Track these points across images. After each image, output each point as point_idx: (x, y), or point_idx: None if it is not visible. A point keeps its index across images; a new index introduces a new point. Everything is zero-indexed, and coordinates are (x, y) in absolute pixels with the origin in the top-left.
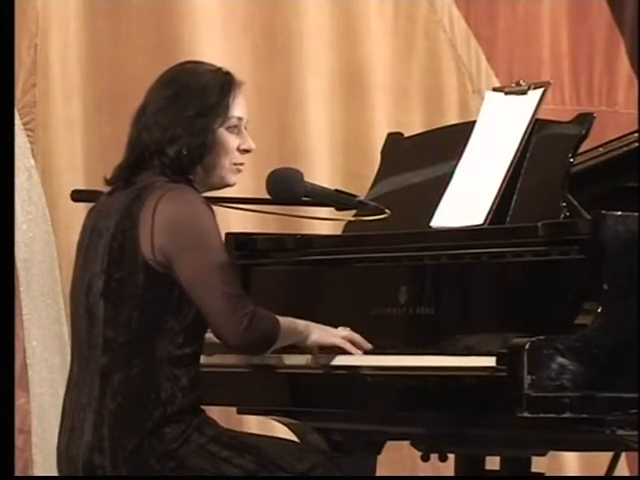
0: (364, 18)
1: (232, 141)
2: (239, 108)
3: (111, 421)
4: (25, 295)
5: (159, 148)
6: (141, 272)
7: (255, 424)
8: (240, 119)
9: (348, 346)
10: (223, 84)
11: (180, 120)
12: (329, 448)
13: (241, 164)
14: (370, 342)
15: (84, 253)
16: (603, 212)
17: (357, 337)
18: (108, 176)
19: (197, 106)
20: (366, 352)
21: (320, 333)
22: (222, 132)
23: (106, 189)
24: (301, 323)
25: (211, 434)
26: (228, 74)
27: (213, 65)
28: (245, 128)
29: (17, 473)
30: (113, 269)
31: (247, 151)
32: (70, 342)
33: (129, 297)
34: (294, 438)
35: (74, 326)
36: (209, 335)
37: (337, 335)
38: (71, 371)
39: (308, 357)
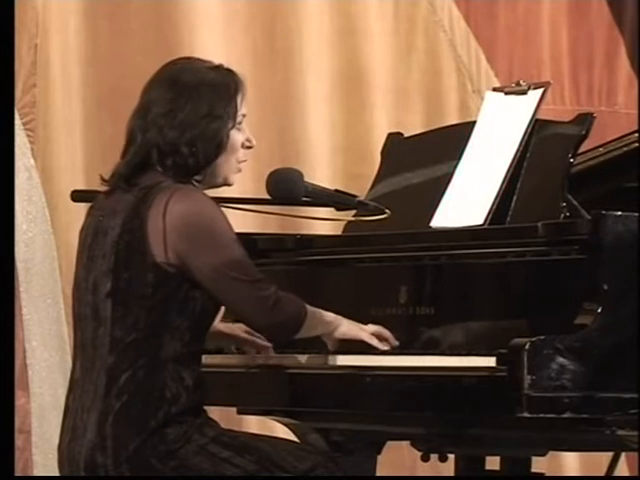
0: (364, 18)
1: (239, 139)
2: (244, 106)
3: (115, 420)
4: (25, 295)
5: (174, 149)
6: (150, 272)
7: (255, 424)
8: (244, 116)
9: (375, 342)
10: (230, 84)
11: (196, 121)
12: (329, 448)
13: (244, 161)
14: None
15: (87, 252)
16: (603, 212)
17: (386, 333)
18: (106, 175)
19: (212, 107)
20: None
21: (349, 326)
22: (233, 132)
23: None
24: (330, 314)
25: (212, 434)
26: (232, 72)
27: (211, 62)
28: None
29: (17, 473)
30: (121, 269)
31: (250, 147)
32: (72, 342)
33: (137, 297)
34: (294, 438)
35: (77, 326)
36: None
37: (366, 330)
38: (73, 370)
39: (308, 357)
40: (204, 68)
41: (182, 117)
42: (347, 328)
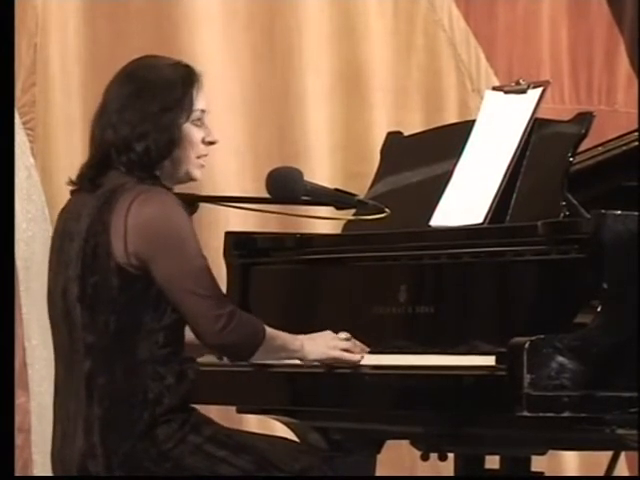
0: (364, 17)
1: (197, 134)
2: (202, 101)
3: (101, 427)
4: (25, 294)
5: (126, 145)
6: (115, 276)
7: (255, 423)
8: (203, 111)
9: (347, 356)
10: (185, 78)
11: (146, 116)
12: (328, 447)
13: (205, 156)
14: (369, 341)
15: (56, 257)
16: (603, 211)
17: (356, 346)
18: (73, 177)
19: (162, 102)
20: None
21: (318, 352)
22: (187, 126)
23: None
24: (296, 343)
25: (207, 434)
26: (188, 67)
27: (171, 59)
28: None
29: (17, 472)
30: (87, 274)
31: (211, 143)
32: (53, 346)
33: (105, 301)
34: (293, 437)
35: (54, 330)
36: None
37: (336, 348)
38: (56, 375)
39: None
40: (161, 65)
41: (132, 113)
42: (316, 355)
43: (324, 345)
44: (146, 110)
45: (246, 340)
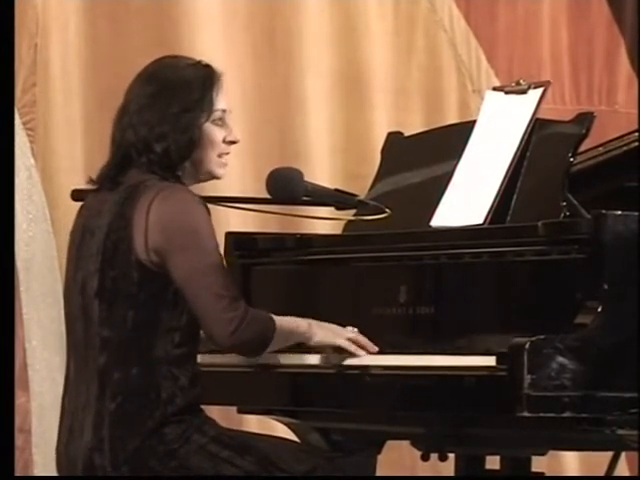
0: (364, 18)
1: (218, 134)
2: (222, 100)
3: (111, 422)
4: (25, 295)
5: (146, 146)
6: (135, 271)
7: (255, 423)
8: (224, 111)
9: (353, 348)
10: (205, 78)
11: (166, 117)
12: (329, 447)
13: (227, 154)
14: (370, 342)
15: (76, 252)
16: (603, 212)
17: (363, 339)
18: (94, 176)
19: (182, 102)
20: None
21: (324, 334)
22: (208, 126)
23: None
24: (304, 324)
25: (212, 434)
26: (208, 67)
27: (192, 59)
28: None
29: (17, 473)
30: (107, 269)
31: (233, 142)
32: (66, 341)
33: (123, 296)
34: (294, 438)
35: (69, 326)
36: None
37: (342, 336)
38: (68, 371)
39: (311, 356)
40: (182, 64)
41: (152, 113)
42: (322, 336)
43: (331, 331)
44: (165, 111)
45: (258, 336)
